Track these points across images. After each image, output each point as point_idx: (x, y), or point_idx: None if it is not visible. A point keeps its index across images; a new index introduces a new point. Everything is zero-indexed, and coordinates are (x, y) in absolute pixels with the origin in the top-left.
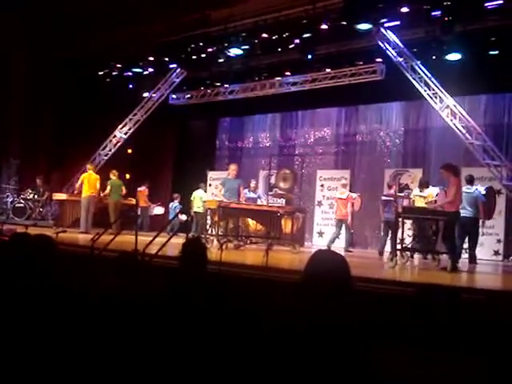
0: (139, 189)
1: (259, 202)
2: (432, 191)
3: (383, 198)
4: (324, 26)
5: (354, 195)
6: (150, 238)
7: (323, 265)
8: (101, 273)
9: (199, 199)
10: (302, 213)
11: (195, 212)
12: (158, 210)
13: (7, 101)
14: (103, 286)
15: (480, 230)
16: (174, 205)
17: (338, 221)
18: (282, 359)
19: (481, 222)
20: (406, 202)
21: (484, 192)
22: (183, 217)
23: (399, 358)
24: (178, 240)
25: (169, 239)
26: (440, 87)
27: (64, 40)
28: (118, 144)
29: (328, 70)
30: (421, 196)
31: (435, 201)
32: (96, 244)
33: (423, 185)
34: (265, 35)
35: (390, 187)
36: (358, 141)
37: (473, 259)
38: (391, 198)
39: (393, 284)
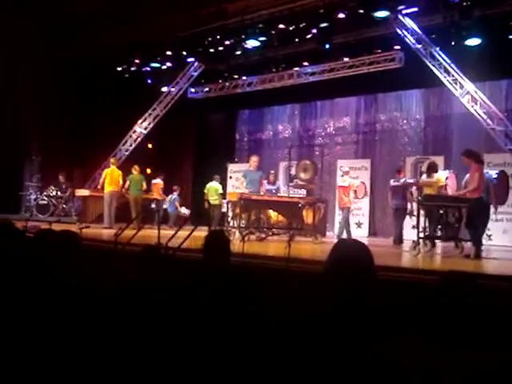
0: (153, 181)
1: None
2: (440, 176)
3: (392, 184)
4: (341, 15)
5: (356, 183)
6: (169, 232)
7: (346, 254)
8: (123, 267)
9: (214, 191)
10: (323, 203)
11: (211, 204)
12: None
13: (21, 99)
14: (112, 279)
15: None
16: (173, 197)
17: (341, 209)
18: (289, 349)
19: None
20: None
21: (495, 175)
22: (183, 210)
23: (412, 350)
24: (201, 233)
25: (191, 232)
26: (460, 73)
27: (78, 37)
28: (138, 139)
29: (346, 59)
30: (429, 182)
31: (446, 185)
32: (119, 239)
33: (431, 170)
34: (281, 26)
35: (398, 173)
36: (377, 129)
37: None
38: (399, 184)
39: (415, 272)
